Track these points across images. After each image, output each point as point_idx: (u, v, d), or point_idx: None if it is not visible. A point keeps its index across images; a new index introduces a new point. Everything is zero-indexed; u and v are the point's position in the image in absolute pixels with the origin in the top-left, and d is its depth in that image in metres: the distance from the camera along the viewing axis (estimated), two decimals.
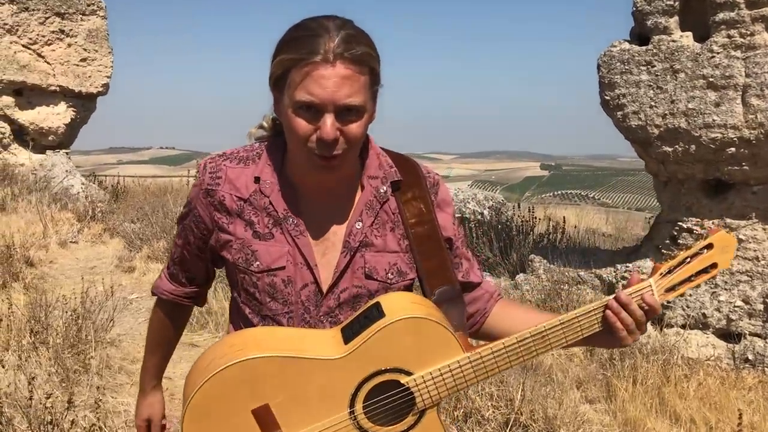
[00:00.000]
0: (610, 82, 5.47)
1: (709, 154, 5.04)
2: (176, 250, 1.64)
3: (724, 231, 1.57)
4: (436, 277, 1.50)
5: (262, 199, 1.47)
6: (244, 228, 1.47)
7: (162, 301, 1.71)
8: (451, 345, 1.41)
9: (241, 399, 1.37)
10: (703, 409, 3.88)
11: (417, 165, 1.58)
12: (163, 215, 8.54)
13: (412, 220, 1.51)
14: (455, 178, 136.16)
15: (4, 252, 6.48)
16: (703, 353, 4.88)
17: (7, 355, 4.15)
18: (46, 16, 11.18)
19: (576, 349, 4.82)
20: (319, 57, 1.32)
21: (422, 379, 1.39)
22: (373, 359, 1.38)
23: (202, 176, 1.52)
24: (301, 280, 1.46)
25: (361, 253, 1.48)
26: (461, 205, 9.39)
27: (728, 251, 1.55)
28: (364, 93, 1.37)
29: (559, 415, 3.66)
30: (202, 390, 1.36)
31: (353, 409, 1.38)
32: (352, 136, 1.37)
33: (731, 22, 4.86)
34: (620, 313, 1.47)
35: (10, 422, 3.08)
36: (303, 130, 1.35)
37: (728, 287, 5.04)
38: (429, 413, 1.42)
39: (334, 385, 1.38)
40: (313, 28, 1.36)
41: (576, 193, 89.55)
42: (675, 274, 1.53)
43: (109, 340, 4.80)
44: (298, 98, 1.34)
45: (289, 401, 1.38)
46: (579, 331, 1.49)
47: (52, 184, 10.71)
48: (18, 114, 11.26)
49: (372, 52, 1.39)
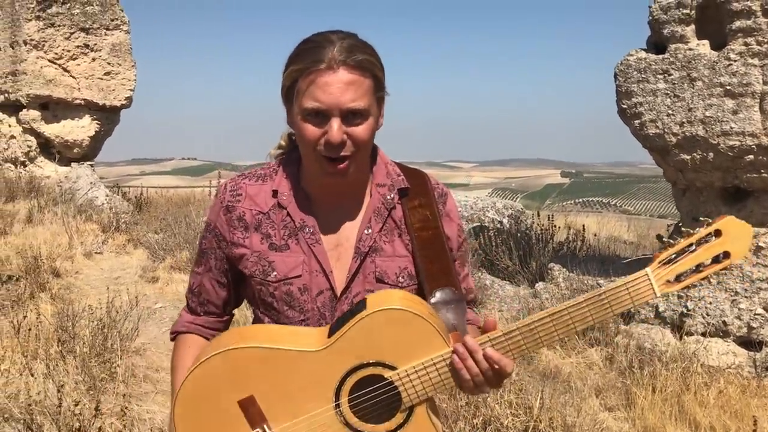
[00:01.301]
0: (627, 90, 5.50)
1: (727, 161, 5.04)
2: (195, 280, 1.66)
3: (735, 218, 1.42)
4: (437, 280, 1.51)
5: (280, 211, 1.54)
6: (260, 241, 1.53)
7: (180, 338, 1.68)
8: (434, 339, 1.40)
9: (226, 389, 1.40)
10: (723, 417, 3.87)
11: (426, 176, 1.63)
12: (185, 226, 8.64)
13: (417, 225, 1.55)
14: (475, 186, 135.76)
15: (32, 263, 6.63)
16: (723, 361, 4.86)
17: (36, 363, 4.26)
18: (72, 32, 11.40)
19: (595, 357, 4.83)
20: (323, 65, 1.40)
21: (405, 373, 1.39)
22: (354, 351, 1.38)
23: (222, 195, 1.59)
24: (316, 287, 1.51)
25: (371, 258, 1.53)
26: (480, 213, 9.42)
27: (742, 239, 1.41)
28: (368, 97, 1.44)
29: (578, 422, 3.68)
30: (190, 378, 1.41)
31: (338, 402, 1.40)
32: (359, 139, 1.44)
33: (748, 30, 4.87)
34: (466, 360, 1.40)
35: (41, 428, 3.17)
36: (312, 135, 1.43)
37: (749, 295, 5.02)
38: (418, 411, 1.42)
39: (317, 378, 1.39)
40: (317, 41, 1.45)
41: (597, 201, 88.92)
42: (678, 263, 1.41)
43: (134, 349, 4.89)
44: (305, 105, 1.42)
45: (274, 393, 1.40)
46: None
47: (77, 195, 10.88)
48: (44, 127, 11.47)
49: (374, 60, 1.46)
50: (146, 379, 4.54)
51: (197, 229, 8.32)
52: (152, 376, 4.60)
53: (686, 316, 5.17)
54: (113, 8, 11.84)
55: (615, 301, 1.43)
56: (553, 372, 4.54)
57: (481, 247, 7.37)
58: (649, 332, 5.23)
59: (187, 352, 1.63)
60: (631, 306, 1.44)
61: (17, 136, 11.62)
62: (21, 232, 8.68)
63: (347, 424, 1.41)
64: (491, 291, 6.40)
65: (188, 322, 1.68)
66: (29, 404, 3.25)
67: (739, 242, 1.41)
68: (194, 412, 1.42)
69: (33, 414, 3.18)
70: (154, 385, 4.47)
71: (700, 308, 5.14)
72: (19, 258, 7.08)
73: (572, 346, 4.99)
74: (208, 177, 18.33)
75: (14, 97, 11.28)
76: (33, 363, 4.25)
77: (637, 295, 1.43)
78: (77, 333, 4.59)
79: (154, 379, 4.56)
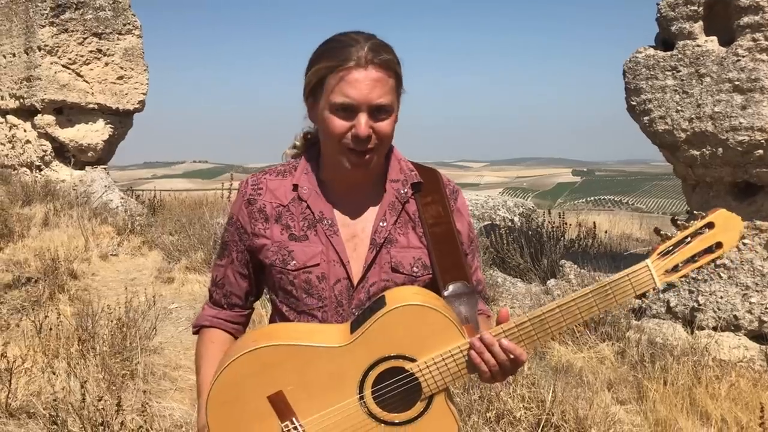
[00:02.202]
0: (636, 87, 5.54)
1: (736, 156, 5.07)
2: (218, 272, 1.73)
3: (726, 210, 1.53)
4: (449, 273, 1.59)
5: (300, 204, 1.62)
6: (280, 231, 1.61)
7: (203, 332, 1.75)
8: (450, 331, 1.48)
9: (256, 386, 1.48)
10: (735, 409, 3.91)
11: (438, 174, 1.71)
12: (200, 227, 8.74)
13: (430, 221, 1.63)
14: (485, 186, 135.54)
15: (50, 265, 6.74)
16: (735, 355, 4.90)
17: (57, 362, 4.36)
18: (84, 37, 11.53)
19: (607, 352, 4.87)
20: (353, 63, 1.50)
21: (425, 364, 1.47)
22: (377, 346, 1.47)
23: (244, 189, 1.67)
24: (334, 276, 1.58)
25: (386, 249, 1.60)
26: (491, 212, 9.46)
27: (732, 230, 1.51)
28: (392, 94, 1.55)
29: (589, 415, 3.73)
30: (220, 378, 1.49)
31: (362, 394, 1.48)
32: (383, 133, 1.54)
33: (756, 26, 4.90)
34: (483, 354, 1.49)
35: (65, 423, 3.26)
36: (339, 128, 1.52)
37: (759, 289, 5.05)
38: (437, 400, 1.50)
39: (342, 372, 1.47)
40: (344, 40, 1.55)
41: (609, 199, 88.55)
42: (675, 254, 1.51)
43: (152, 348, 4.98)
44: (334, 100, 1.51)
45: (301, 388, 1.48)
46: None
47: (92, 199, 11.01)
48: (58, 132, 11.60)
49: (396, 59, 1.57)
50: (165, 376, 4.63)
51: (211, 230, 8.41)
52: (170, 374, 4.69)
53: (697, 310, 5.20)
54: (125, 13, 11.96)
55: (618, 291, 1.52)
56: (565, 367, 4.59)
57: (493, 245, 7.42)
58: (661, 327, 5.27)
59: (210, 347, 1.70)
60: (633, 295, 1.53)
61: (32, 140, 11.77)
62: (38, 236, 8.81)
63: (371, 414, 1.48)
64: (503, 288, 6.44)
65: (211, 317, 1.75)
66: (54, 399, 3.34)
67: (730, 233, 1.52)
68: (226, 410, 1.50)
69: (57, 410, 3.26)
70: (172, 383, 4.56)
71: (711, 303, 5.17)
72: (37, 260, 7.21)
73: (584, 342, 5.04)
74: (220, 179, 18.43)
75: (29, 102, 11.42)
76: (54, 361, 4.34)
77: (639, 285, 1.52)
78: (97, 332, 4.68)
79: (173, 377, 4.65)
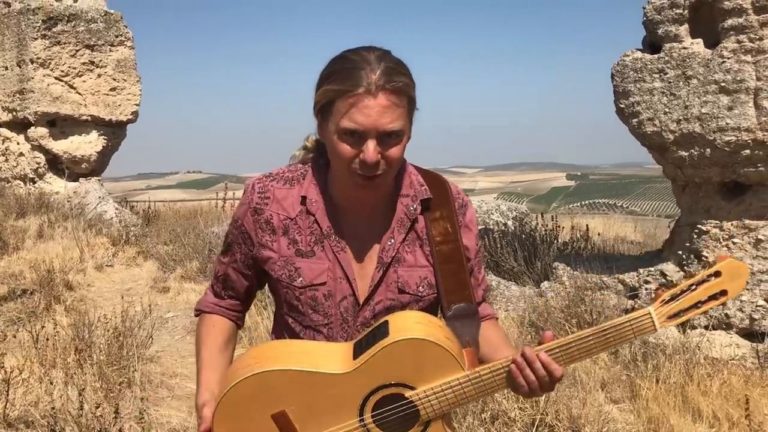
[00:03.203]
0: (624, 90, 5.60)
1: (724, 157, 5.14)
2: (221, 268, 1.76)
3: (734, 259, 1.55)
4: (454, 293, 1.61)
5: (308, 217, 1.62)
6: (287, 246, 1.61)
7: (204, 316, 1.79)
8: (450, 363, 1.51)
9: (260, 406, 1.53)
10: (726, 405, 3.96)
11: (447, 185, 1.71)
12: (194, 237, 8.77)
13: (438, 239, 1.63)
14: (480, 191, 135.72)
15: (46, 277, 6.76)
16: (726, 353, 4.95)
17: (54, 371, 4.38)
18: (77, 49, 11.57)
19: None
20: (362, 89, 1.46)
21: (424, 393, 1.51)
22: (378, 374, 1.51)
23: (250, 195, 1.66)
24: (340, 293, 1.60)
25: (394, 268, 1.61)
26: (485, 216, 9.52)
27: (739, 279, 1.53)
28: (403, 119, 1.50)
29: (583, 414, 3.77)
30: (227, 396, 1.53)
31: (362, 417, 1.52)
32: (393, 159, 1.52)
33: (740, 28, 4.97)
34: (524, 370, 1.51)
35: (63, 431, 3.29)
36: (347, 154, 1.50)
37: (750, 287, 5.10)
38: (435, 426, 1.55)
39: (344, 396, 1.52)
40: (355, 60, 1.50)
41: (603, 203, 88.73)
42: (678, 301, 1.53)
43: (148, 357, 5.01)
44: (343, 125, 1.48)
45: (304, 409, 1.53)
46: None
47: (87, 210, 11.03)
48: (52, 144, 11.62)
49: (410, 82, 1.53)
50: (162, 385, 4.66)
51: (206, 240, 8.45)
52: (167, 382, 4.72)
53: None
54: (117, 25, 12.01)
55: (618, 335, 1.54)
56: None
57: (487, 249, 7.47)
58: None
59: (211, 331, 1.74)
60: (633, 338, 1.57)
61: (26, 153, 11.80)
62: (33, 248, 8.83)
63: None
64: (497, 291, 6.49)
65: (213, 304, 1.78)
66: (52, 408, 3.36)
67: (737, 282, 1.53)
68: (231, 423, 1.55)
69: (56, 418, 3.29)
70: (169, 391, 4.59)
71: None
72: (32, 272, 7.22)
73: None
74: (215, 189, 18.41)
75: (22, 115, 11.45)
76: (51, 371, 4.37)
77: (639, 330, 1.54)
78: (93, 342, 4.71)
79: (170, 385, 4.68)
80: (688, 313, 1.54)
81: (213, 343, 1.73)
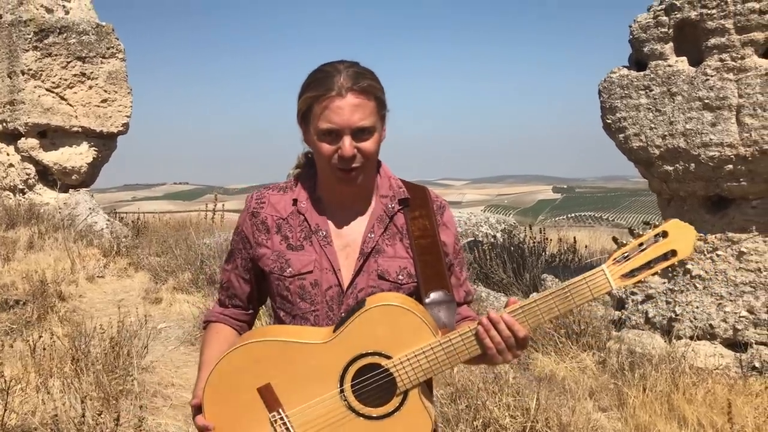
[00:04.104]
0: (611, 106, 5.75)
1: (708, 171, 5.28)
2: (224, 276, 1.94)
3: (679, 220, 1.64)
4: (431, 282, 1.76)
5: (298, 217, 1.81)
6: (279, 242, 1.80)
7: (210, 324, 1.94)
8: (423, 331, 1.63)
9: (247, 379, 1.65)
10: (711, 413, 4.07)
11: (427, 191, 1.89)
12: (186, 248, 8.81)
13: (416, 233, 1.80)
14: (467, 204, 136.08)
15: (39, 287, 6.79)
16: (711, 363, 5.07)
17: (51, 380, 4.43)
18: (68, 61, 11.62)
19: (588, 362, 5.03)
20: (334, 92, 1.68)
21: (399, 361, 1.62)
22: (355, 342, 1.62)
23: (249, 203, 1.87)
24: (326, 282, 1.76)
25: (374, 258, 1.77)
26: (474, 228, 9.64)
27: (686, 239, 1.61)
28: (373, 116, 1.71)
29: (572, 422, 3.87)
30: (216, 370, 1.67)
31: (342, 388, 1.63)
32: (367, 152, 1.72)
33: (722, 47, 5.14)
34: (489, 331, 1.64)
35: None
36: (327, 151, 1.71)
37: (733, 298, 5.24)
38: (412, 396, 1.64)
39: (323, 367, 1.63)
40: (327, 70, 1.73)
41: (590, 215, 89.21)
42: (630, 260, 1.61)
43: (143, 367, 5.06)
44: (321, 127, 1.70)
45: (287, 381, 1.64)
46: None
47: (77, 221, 11.05)
48: (42, 155, 11.65)
49: (376, 84, 1.74)
50: (157, 394, 4.71)
51: (198, 251, 8.49)
52: (163, 392, 4.77)
53: (675, 320, 5.38)
54: (108, 37, 12.08)
55: (576, 293, 1.64)
56: (549, 376, 4.73)
57: (476, 261, 7.58)
58: (640, 337, 5.44)
59: (215, 336, 1.90)
60: (591, 297, 1.64)
61: (16, 164, 11.81)
62: (23, 258, 8.83)
63: (350, 408, 1.63)
64: (487, 303, 6.59)
65: (218, 313, 1.95)
66: (55, 415, 3.42)
67: (684, 242, 1.62)
68: (220, 398, 1.67)
69: (58, 425, 3.35)
70: (165, 400, 4.64)
71: (687, 313, 5.35)
72: (24, 283, 7.24)
73: (566, 352, 5.19)
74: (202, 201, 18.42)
75: (12, 126, 11.47)
76: (48, 381, 4.41)
77: (596, 288, 1.64)
78: (90, 351, 4.75)
79: (165, 395, 4.73)
80: (641, 272, 1.61)
81: (215, 346, 1.87)
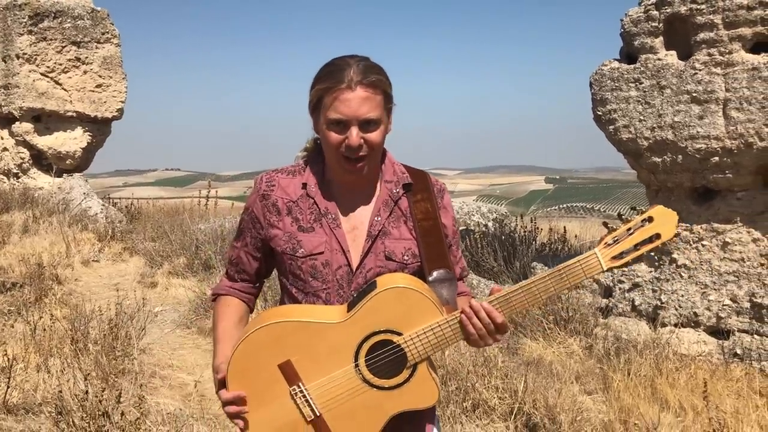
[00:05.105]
0: (601, 98, 5.86)
1: (695, 163, 5.41)
2: (234, 252, 2.04)
3: (663, 206, 1.77)
4: (434, 261, 1.88)
5: (308, 200, 1.91)
6: (291, 223, 1.90)
7: (220, 297, 2.04)
8: (431, 310, 1.77)
9: (268, 356, 1.78)
10: (692, 397, 4.22)
11: (427, 175, 2.01)
12: (181, 233, 8.90)
13: (419, 216, 1.92)
14: (460, 194, 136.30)
15: (36, 270, 6.87)
16: (694, 349, 5.22)
17: (51, 360, 4.53)
18: (63, 45, 11.63)
19: (575, 347, 5.17)
20: (344, 84, 1.77)
21: (409, 337, 1.76)
22: (369, 321, 1.76)
23: (259, 185, 1.96)
24: (336, 262, 1.87)
25: (381, 240, 1.89)
26: (466, 217, 9.75)
27: (669, 223, 1.76)
28: (379, 109, 1.81)
29: (559, 403, 4.01)
30: (239, 349, 1.79)
31: (357, 363, 1.77)
32: (373, 142, 1.81)
33: (711, 42, 5.25)
34: (471, 318, 1.77)
35: (69, 414, 3.45)
36: (335, 140, 1.80)
37: (717, 287, 5.38)
38: (421, 368, 1.78)
39: (340, 344, 1.77)
40: (338, 64, 1.82)
41: (581, 206, 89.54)
42: (619, 244, 1.76)
43: (140, 348, 5.16)
44: (330, 117, 1.79)
45: (306, 357, 1.77)
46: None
47: (71, 206, 11.10)
48: (36, 139, 11.68)
49: (384, 79, 1.83)
50: (155, 375, 4.82)
51: (193, 237, 8.58)
52: (160, 373, 4.88)
53: (660, 308, 5.52)
54: (104, 22, 12.09)
55: (571, 274, 1.79)
56: (536, 360, 4.87)
57: (468, 249, 7.70)
58: (626, 324, 5.59)
59: (227, 309, 2.00)
60: (584, 278, 1.79)
61: (10, 148, 11.83)
62: (19, 242, 8.90)
63: (365, 380, 1.77)
64: (478, 290, 6.71)
65: (227, 287, 2.05)
66: (59, 391, 3.52)
67: (667, 226, 1.78)
68: (243, 374, 1.79)
69: (63, 401, 3.45)
70: (162, 380, 4.75)
71: (673, 301, 5.49)
72: (21, 266, 7.32)
73: (554, 337, 5.33)
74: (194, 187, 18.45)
75: (7, 110, 11.49)
76: (49, 360, 4.51)
77: (588, 269, 1.78)
78: (89, 333, 4.85)
79: (162, 375, 4.85)
80: (629, 254, 1.76)
81: (228, 319, 1.98)
